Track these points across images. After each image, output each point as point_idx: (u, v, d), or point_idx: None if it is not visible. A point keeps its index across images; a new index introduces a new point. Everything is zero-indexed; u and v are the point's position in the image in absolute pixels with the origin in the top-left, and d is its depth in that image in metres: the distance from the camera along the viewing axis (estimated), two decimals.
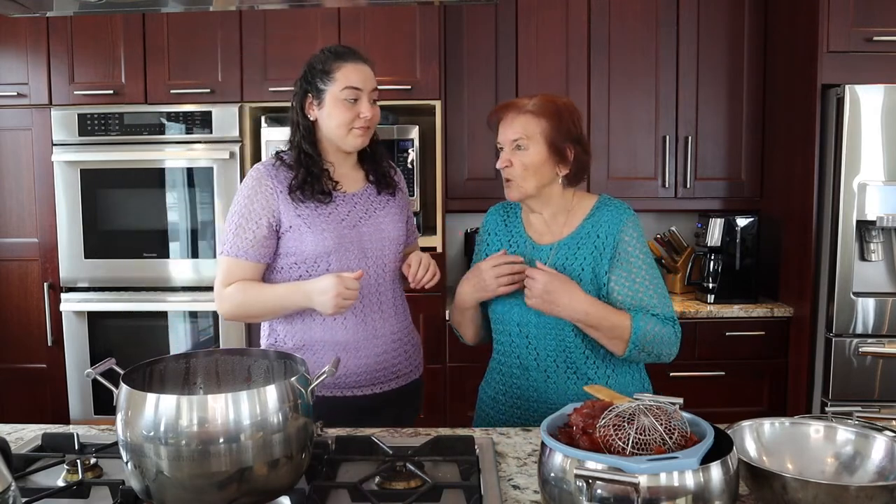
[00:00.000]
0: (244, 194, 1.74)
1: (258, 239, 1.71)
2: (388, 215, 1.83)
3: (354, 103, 1.72)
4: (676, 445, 1.02)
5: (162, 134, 3.03)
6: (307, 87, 1.75)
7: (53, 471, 1.31)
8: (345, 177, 1.81)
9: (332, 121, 1.73)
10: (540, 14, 3.18)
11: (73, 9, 1.97)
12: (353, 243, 1.75)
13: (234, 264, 1.72)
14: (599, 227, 1.65)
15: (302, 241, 1.71)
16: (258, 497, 1.11)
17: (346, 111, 1.72)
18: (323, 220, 1.73)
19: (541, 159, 1.63)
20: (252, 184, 1.74)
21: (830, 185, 2.73)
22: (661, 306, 1.63)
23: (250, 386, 1.31)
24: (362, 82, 1.73)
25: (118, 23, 3.01)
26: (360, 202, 1.81)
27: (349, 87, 1.71)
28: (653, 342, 1.59)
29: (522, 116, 1.64)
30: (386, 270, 1.81)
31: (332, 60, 1.73)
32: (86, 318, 3.07)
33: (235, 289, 1.72)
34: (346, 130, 1.73)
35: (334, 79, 1.72)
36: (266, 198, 1.72)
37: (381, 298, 1.80)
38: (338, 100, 1.72)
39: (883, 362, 2.70)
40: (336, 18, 2.99)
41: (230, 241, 1.73)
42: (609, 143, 3.23)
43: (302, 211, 1.72)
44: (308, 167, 1.74)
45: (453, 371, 3.05)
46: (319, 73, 1.73)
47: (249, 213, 1.72)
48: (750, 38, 3.19)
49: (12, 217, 3.13)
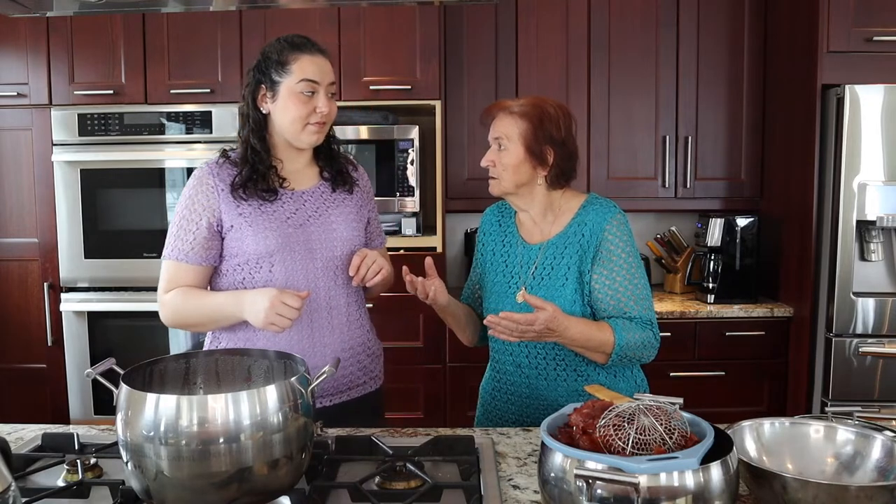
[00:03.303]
0: (186, 195, 1.65)
1: (199, 241, 1.62)
2: (341, 214, 1.72)
3: (311, 97, 1.63)
4: (676, 445, 1.02)
5: (162, 134, 3.03)
6: (260, 78, 1.64)
7: (53, 471, 1.31)
8: (296, 174, 1.71)
9: (287, 115, 1.63)
10: (540, 14, 3.18)
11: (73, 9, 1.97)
12: (300, 244, 1.64)
13: (176, 268, 1.63)
14: (585, 227, 1.66)
15: (243, 241, 1.62)
16: (258, 497, 1.11)
17: (302, 105, 1.62)
18: (266, 218, 1.63)
19: (518, 160, 1.65)
20: (193, 183, 1.65)
21: (830, 185, 2.73)
22: (640, 309, 1.63)
23: (250, 386, 1.31)
24: (320, 75, 1.63)
25: (118, 23, 3.01)
26: (311, 200, 1.70)
27: (306, 80, 1.62)
28: (634, 349, 1.61)
29: (505, 117, 1.68)
30: (337, 274, 1.69)
31: (289, 51, 1.63)
32: (86, 318, 3.07)
33: (175, 295, 1.63)
34: (300, 126, 1.63)
35: (290, 71, 1.62)
36: (207, 197, 1.63)
37: (330, 304, 1.67)
38: (293, 93, 1.62)
39: (883, 362, 2.70)
40: (336, 18, 2.99)
41: (171, 243, 1.64)
42: (609, 143, 3.23)
43: (244, 209, 1.63)
44: (254, 164, 1.64)
45: (453, 371, 3.05)
46: (275, 64, 1.63)
47: (190, 213, 1.63)
48: (750, 39, 3.19)
49: (12, 217, 3.12)
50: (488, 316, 1.53)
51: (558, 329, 1.53)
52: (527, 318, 1.50)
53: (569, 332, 1.55)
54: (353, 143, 3.01)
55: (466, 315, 1.82)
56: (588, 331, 1.59)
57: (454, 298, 1.77)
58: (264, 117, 1.66)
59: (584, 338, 1.58)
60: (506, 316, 1.51)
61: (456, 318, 1.78)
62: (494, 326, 1.52)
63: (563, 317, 1.55)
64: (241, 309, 1.56)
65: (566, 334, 1.55)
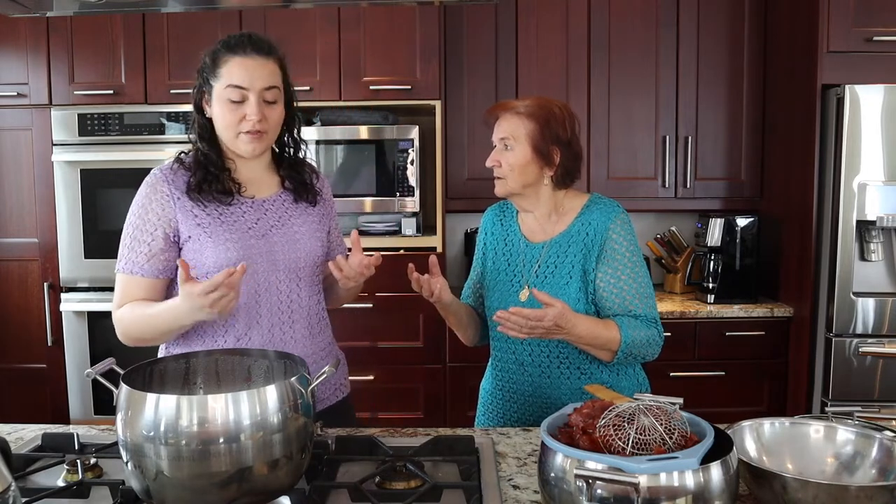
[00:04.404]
0: (138, 203, 1.55)
1: (154, 252, 1.52)
2: (304, 224, 1.63)
3: (240, 104, 1.51)
4: (676, 445, 1.02)
5: (162, 134, 3.03)
6: (201, 81, 1.56)
7: (53, 471, 1.31)
8: (253, 181, 1.61)
9: (219, 122, 1.54)
10: (540, 14, 3.18)
11: (73, 9, 1.97)
12: (262, 255, 1.54)
13: (130, 282, 1.53)
14: (589, 226, 1.67)
15: (202, 252, 1.52)
16: (258, 497, 1.11)
17: (230, 113, 1.51)
18: (226, 228, 1.53)
19: (525, 160, 1.65)
20: (146, 191, 1.55)
21: (830, 185, 2.73)
22: (644, 307, 1.64)
23: (250, 386, 1.31)
24: (249, 80, 1.50)
25: (118, 23, 3.01)
26: (273, 209, 1.61)
27: (232, 86, 1.50)
28: (639, 347, 1.62)
29: (512, 117, 1.67)
30: (301, 286, 1.61)
31: (222, 53, 1.52)
32: (86, 318, 3.07)
33: (126, 310, 1.53)
34: (232, 134, 1.53)
35: (219, 75, 1.51)
36: (161, 205, 1.53)
37: (293, 317, 1.59)
38: (221, 99, 1.51)
39: (883, 362, 2.70)
40: (336, 18, 2.99)
41: (125, 255, 1.54)
42: (609, 143, 3.23)
43: (202, 220, 1.53)
44: (206, 166, 1.55)
45: (453, 371, 3.05)
46: (208, 67, 1.53)
47: (143, 223, 1.53)
48: (750, 39, 3.19)
49: (12, 217, 3.12)
50: (498, 312, 1.52)
51: (567, 326, 1.53)
52: (536, 314, 1.49)
53: (576, 329, 1.55)
54: (353, 143, 3.01)
55: (468, 314, 1.82)
56: (595, 328, 1.59)
57: (456, 297, 1.78)
58: (209, 121, 1.57)
59: (592, 335, 1.58)
60: (516, 311, 1.50)
61: (458, 318, 1.78)
62: (504, 322, 1.52)
63: (572, 314, 1.55)
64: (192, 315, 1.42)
65: (574, 331, 1.55)
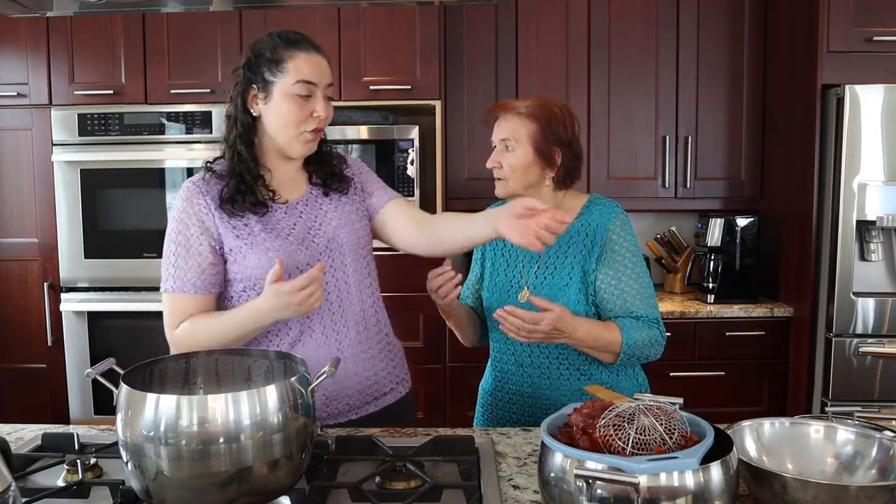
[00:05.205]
0: (176, 218, 1.50)
1: (204, 267, 1.49)
2: (341, 217, 1.59)
3: (307, 100, 1.49)
4: (676, 445, 1.02)
5: (162, 134, 3.03)
6: (251, 77, 1.50)
7: (53, 471, 1.31)
8: (285, 185, 1.57)
9: (280, 119, 1.49)
10: (540, 14, 3.18)
11: (73, 9, 1.97)
12: (305, 259, 1.52)
13: (181, 301, 1.50)
14: (589, 226, 1.66)
15: (245, 263, 1.49)
16: (258, 497, 1.11)
17: (298, 109, 1.48)
18: (266, 237, 1.50)
19: (527, 161, 1.65)
20: (182, 205, 1.50)
21: (830, 185, 2.73)
22: (646, 307, 1.64)
23: (250, 386, 1.30)
24: (318, 76, 1.49)
25: (118, 23, 3.01)
26: (307, 210, 1.57)
27: (302, 81, 1.47)
28: (641, 348, 1.61)
29: (513, 118, 1.66)
30: (349, 282, 1.58)
31: (283, 48, 1.49)
32: (86, 318, 3.07)
33: (184, 329, 1.50)
34: (294, 132, 1.50)
35: (285, 70, 1.47)
36: (200, 219, 1.49)
37: (345, 315, 1.57)
38: (288, 95, 1.48)
39: (883, 362, 2.70)
40: (336, 18, 3.00)
41: (171, 274, 1.49)
42: (609, 143, 3.23)
43: (241, 231, 1.50)
44: (241, 174, 1.50)
45: (453, 371, 3.05)
46: (267, 62, 1.48)
47: (186, 239, 1.49)
48: (750, 38, 3.19)
49: (12, 217, 3.13)
50: (497, 310, 1.53)
51: (566, 330, 1.53)
52: (532, 317, 1.49)
53: (577, 332, 1.55)
54: (353, 143, 3.01)
55: (468, 315, 1.82)
56: (596, 331, 1.59)
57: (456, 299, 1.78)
58: (254, 120, 1.52)
59: (593, 338, 1.58)
60: (512, 311, 1.50)
61: (459, 319, 1.78)
62: (502, 321, 1.52)
63: (571, 317, 1.55)
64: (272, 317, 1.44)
65: (574, 335, 1.55)
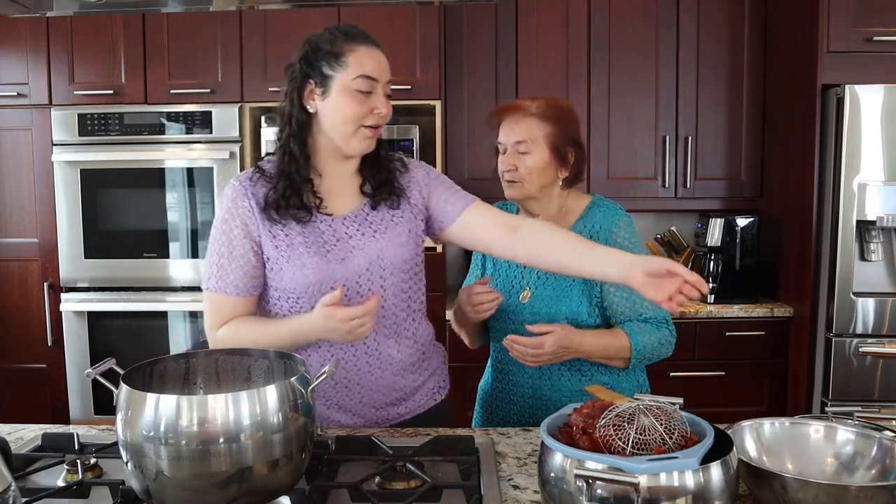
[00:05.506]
0: (221, 217, 1.48)
1: (247, 271, 1.46)
2: (389, 238, 1.50)
3: (368, 96, 1.43)
4: (676, 445, 1.02)
5: (162, 134, 3.03)
6: (309, 72, 1.44)
7: (53, 471, 1.31)
8: (336, 193, 1.51)
9: (339, 115, 1.43)
10: (540, 14, 3.18)
11: (73, 9, 1.97)
12: (341, 279, 1.45)
13: (222, 302, 1.47)
14: (593, 228, 1.66)
15: (280, 275, 1.46)
16: (258, 497, 1.11)
17: (359, 105, 1.42)
18: (304, 251, 1.45)
19: (543, 162, 1.64)
20: (228, 205, 1.48)
21: (830, 185, 2.73)
22: (654, 308, 1.64)
23: (250, 386, 1.30)
24: (379, 71, 1.44)
25: (118, 23, 3.01)
26: (354, 226, 1.49)
27: (363, 77, 1.42)
28: (651, 350, 1.62)
29: (527, 119, 1.65)
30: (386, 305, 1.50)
31: (343, 41, 1.43)
32: (86, 318, 3.07)
33: (227, 332, 1.48)
34: (353, 128, 1.43)
35: (346, 64, 1.41)
36: (244, 222, 1.46)
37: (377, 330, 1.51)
38: (349, 90, 1.42)
39: (883, 362, 2.70)
40: (336, 18, 2.99)
41: (215, 274, 1.47)
42: (609, 143, 3.23)
43: (280, 241, 1.45)
44: (290, 175, 1.45)
45: (453, 371, 3.00)
46: (326, 56, 1.42)
47: (230, 240, 1.46)
48: (750, 38, 3.19)
49: (12, 217, 3.13)
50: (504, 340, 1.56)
51: (572, 346, 1.55)
52: (533, 342, 1.52)
53: (584, 346, 1.57)
54: None
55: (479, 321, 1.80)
56: (603, 341, 1.60)
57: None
58: (309, 117, 1.46)
59: (601, 348, 1.59)
60: (512, 339, 1.53)
61: (474, 327, 1.77)
62: (510, 350, 1.55)
63: (575, 333, 1.56)
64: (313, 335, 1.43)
65: (581, 349, 1.57)
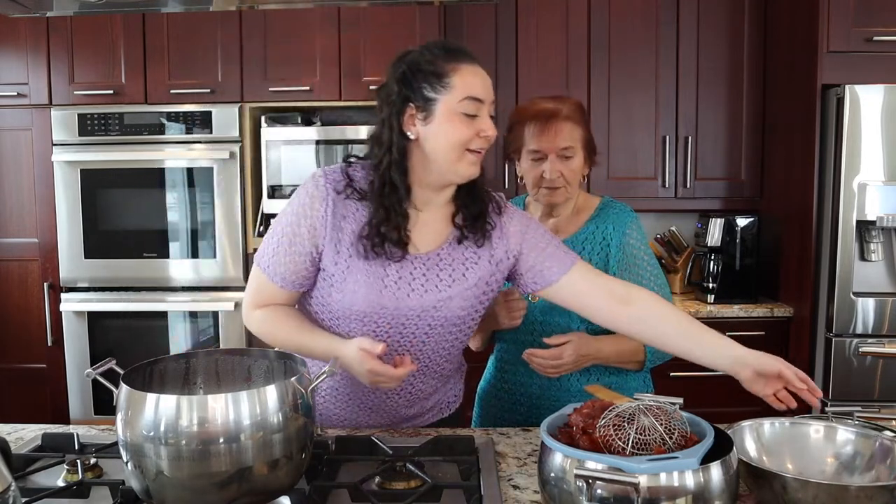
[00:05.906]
0: (293, 210, 1.40)
1: (297, 270, 1.40)
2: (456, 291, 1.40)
3: (474, 119, 1.33)
4: (676, 445, 1.02)
5: (162, 134, 3.03)
6: (409, 95, 1.32)
7: (53, 471, 1.31)
8: (426, 224, 1.41)
9: (443, 140, 1.32)
10: (540, 14, 3.18)
11: (73, 9, 1.98)
12: (388, 317, 1.39)
13: (267, 285, 1.43)
14: (604, 230, 1.67)
15: (327, 292, 1.41)
16: (258, 497, 1.11)
17: (465, 128, 1.32)
18: (358, 278, 1.37)
19: (580, 166, 1.67)
20: (306, 201, 1.39)
21: (830, 185, 2.73)
22: None
23: (250, 386, 1.30)
24: (484, 92, 1.34)
25: (118, 23, 3.01)
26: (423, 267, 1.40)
27: (470, 98, 1.31)
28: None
29: (566, 124, 1.64)
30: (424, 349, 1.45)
31: (444, 60, 1.32)
32: (86, 318, 3.07)
33: (264, 317, 1.44)
34: (459, 153, 1.32)
35: (450, 85, 1.31)
36: (314, 226, 1.38)
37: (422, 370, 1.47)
38: (454, 113, 1.31)
39: (883, 362, 2.69)
40: (336, 18, 2.99)
41: (268, 256, 1.41)
42: (609, 143, 3.22)
43: (340, 263, 1.37)
44: (390, 209, 1.34)
45: None
46: (428, 77, 1.31)
47: (294, 236, 1.39)
48: (750, 38, 3.19)
49: (12, 217, 3.12)
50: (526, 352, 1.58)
51: (590, 352, 1.58)
52: (552, 353, 1.54)
53: (602, 352, 1.60)
54: (353, 143, 3.01)
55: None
56: (619, 345, 1.62)
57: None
58: (410, 144, 1.35)
59: (617, 352, 1.62)
60: (531, 353, 1.56)
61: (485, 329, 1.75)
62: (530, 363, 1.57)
63: (592, 339, 1.58)
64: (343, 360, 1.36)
65: (600, 355, 1.60)
